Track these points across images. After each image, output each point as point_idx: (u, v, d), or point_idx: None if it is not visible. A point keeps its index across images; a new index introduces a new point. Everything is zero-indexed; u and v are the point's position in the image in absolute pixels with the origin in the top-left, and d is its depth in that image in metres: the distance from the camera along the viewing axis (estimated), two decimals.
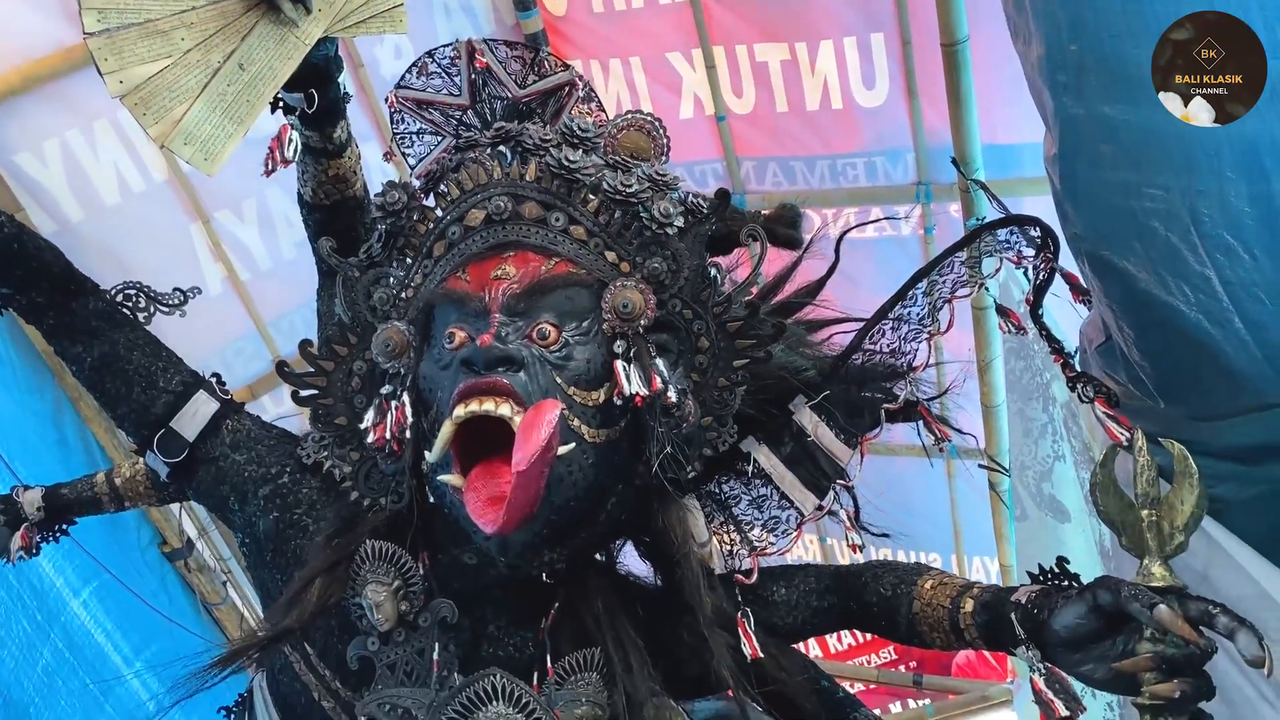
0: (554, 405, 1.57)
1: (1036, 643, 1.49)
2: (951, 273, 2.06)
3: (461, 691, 1.63)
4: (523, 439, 1.45)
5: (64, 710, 3.16)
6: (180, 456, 2.01)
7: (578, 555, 1.91)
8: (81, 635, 3.31)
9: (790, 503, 2.00)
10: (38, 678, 3.06)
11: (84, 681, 3.30)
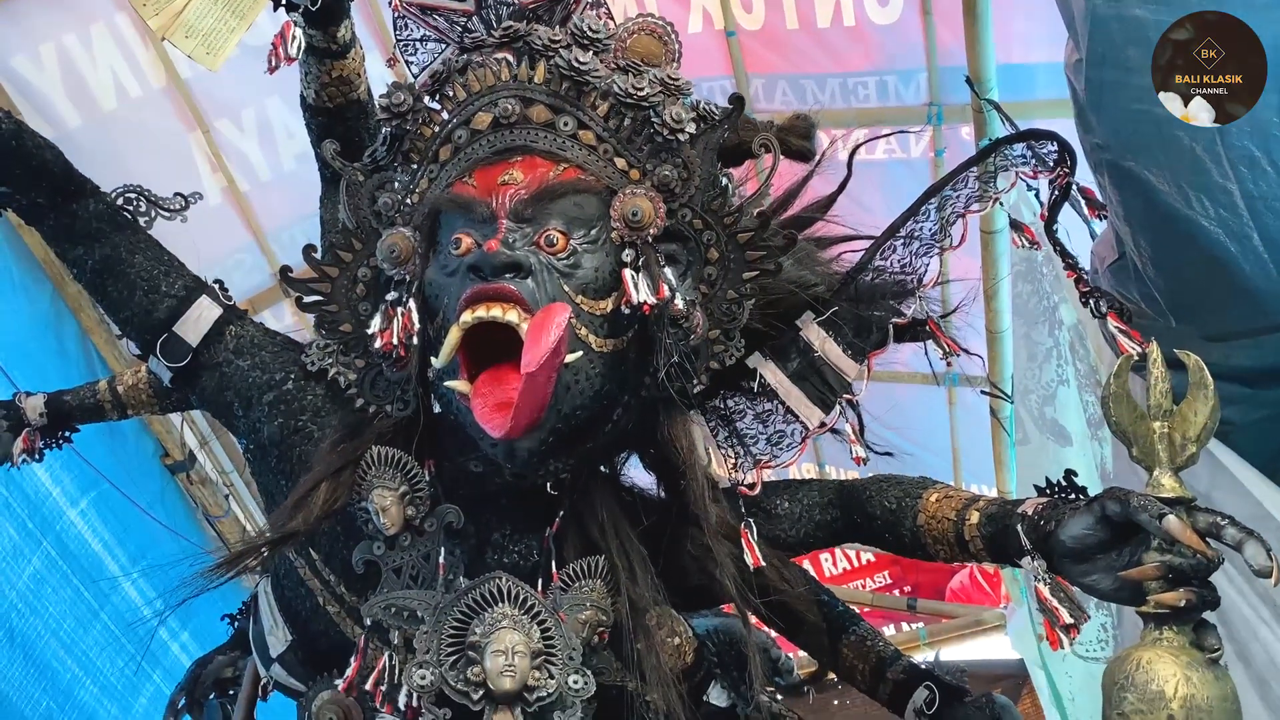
0: (563, 309, 1.55)
1: (1042, 554, 1.49)
2: (965, 187, 2.03)
3: (467, 594, 1.64)
4: (531, 342, 1.44)
5: (52, 618, 3.20)
6: (183, 362, 1.99)
7: (582, 465, 1.91)
8: (77, 544, 3.33)
9: (795, 417, 2.00)
10: (23, 585, 3.08)
11: (77, 590, 3.32)
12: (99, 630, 3.39)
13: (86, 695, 3.33)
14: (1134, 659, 1.32)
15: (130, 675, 3.47)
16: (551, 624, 1.66)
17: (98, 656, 3.38)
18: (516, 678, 1.55)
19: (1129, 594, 1.41)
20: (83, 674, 3.32)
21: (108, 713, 3.39)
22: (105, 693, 3.39)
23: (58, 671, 3.22)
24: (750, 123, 2.09)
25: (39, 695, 3.14)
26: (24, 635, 3.09)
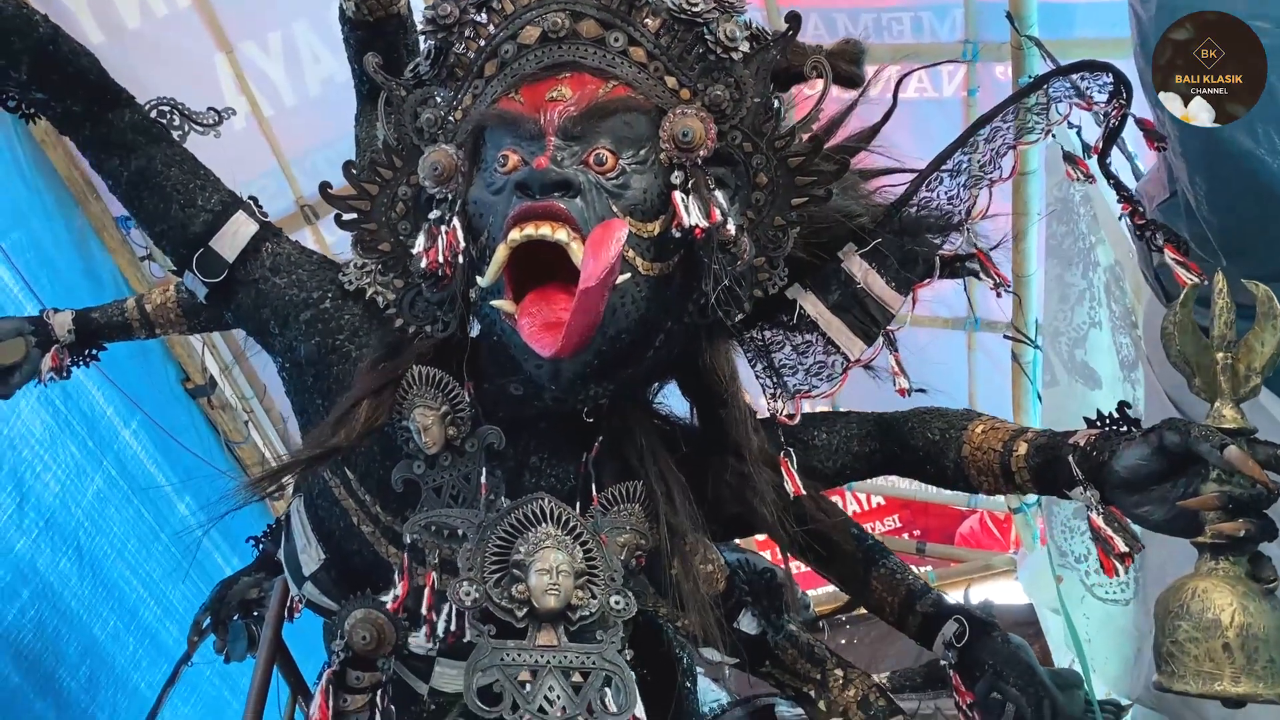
0: (621, 224, 1.52)
1: (1095, 484, 1.48)
2: (1016, 119, 2.00)
3: (511, 513, 1.64)
4: (591, 255, 1.41)
5: (117, 537, 3.21)
6: (219, 277, 1.97)
7: (623, 391, 1.90)
8: (134, 464, 3.35)
9: (836, 349, 1.98)
10: (88, 504, 3.09)
11: (138, 510, 3.34)
12: (160, 551, 3.42)
13: (150, 616, 3.36)
14: (1189, 588, 1.32)
15: (190, 598, 3.50)
16: (593, 545, 1.66)
17: (160, 578, 3.41)
18: (560, 596, 1.55)
19: (1182, 524, 1.41)
20: (147, 595, 3.35)
21: (169, 634, 3.43)
22: (167, 614, 3.43)
23: (124, 591, 3.25)
24: (799, 47, 2.04)
25: (108, 614, 3.17)
26: (92, 554, 3.12)
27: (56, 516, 2.99)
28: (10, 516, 2.79)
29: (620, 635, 1.61)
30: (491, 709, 1.44)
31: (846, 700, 2.04)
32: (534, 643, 1.53)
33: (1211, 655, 1.26)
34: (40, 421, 2.94)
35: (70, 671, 3.01)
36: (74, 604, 3.05)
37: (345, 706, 2.00)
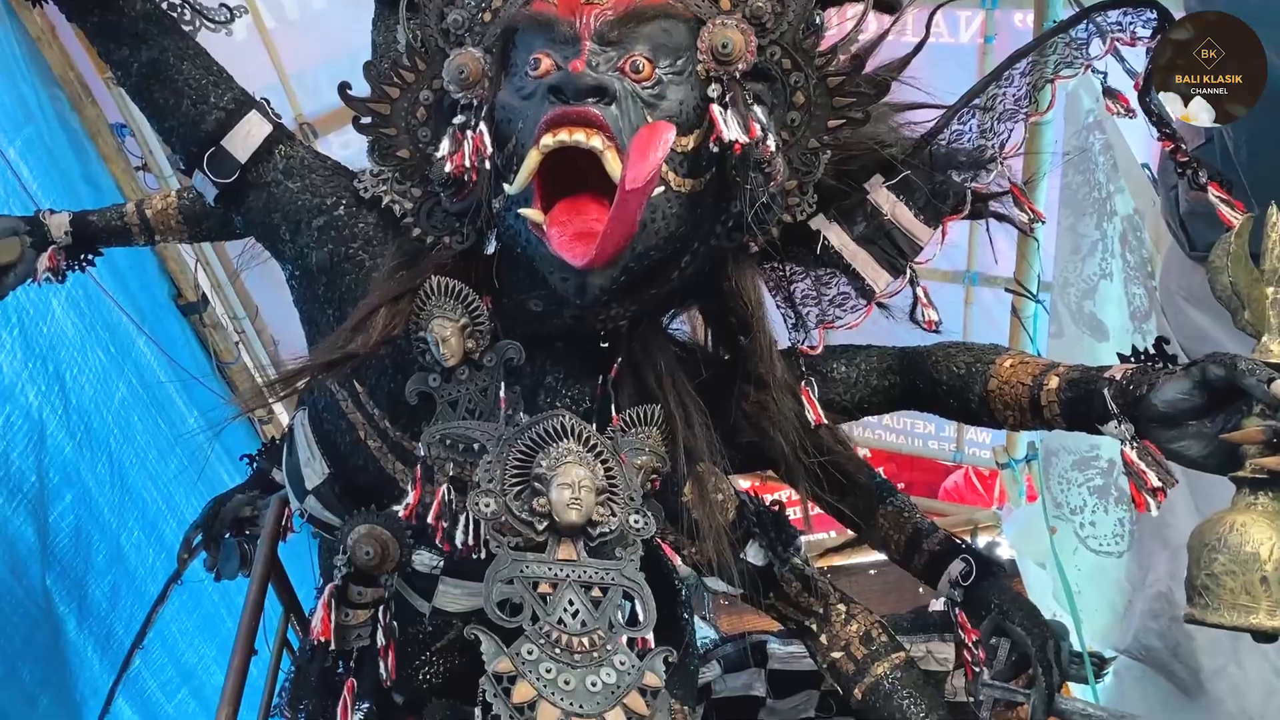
0: (669, 127, 1.47)
1: (1130, 419, 1.46)
2: (1055, 53, 1.95)
3: (531, 428, 1.60)
4: (638, 156, 1.36)
5: (140, 446, 3.16)
6: (230, 179, 1.91)
7: (643, 312, 1.86)
8: (150, 374, 3.29)
9: (861, 280, 1.95)
10: (115, 410, 3.04)
11: (156, 421, 3.29)
12: (176, 465, 3.38)
13: (168, 530, 3.33)
14: (1227, 522, 1.30)
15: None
16: (614, 464, 1.63)
17: (176, 491, 3.37)
18: (582, 511, 1.52)
19: (1219, 459, 1.39)
20: (165, 507, 3.31)
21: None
22: (182, 529, 3.38)
23: (146, 502, 3.22)
24: None
25: (133, 525, 3.14)
26: (120, 461, 3.08)
27: (92, 421, 2.95)
28: (60, 419, 2.74)
29: (639, 554, 1.58)
30: (511, 619, 1.42)
31: (849, 635, 2.03)
32: (554, 556, 1.50)
33: (1248, 589, 1.25)
34: (71, 324, 2.89)
35: (97, 579, 2.99)
36: (107, 512, 3.02)
37: (347, 621, 1.98)
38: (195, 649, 3.61)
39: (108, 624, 3.13)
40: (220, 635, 3.73)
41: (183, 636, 3.52)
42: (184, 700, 3.60)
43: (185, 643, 3.54)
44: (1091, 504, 3.10)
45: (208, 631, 3.66)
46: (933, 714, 1.94)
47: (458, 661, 2.25)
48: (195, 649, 3.61)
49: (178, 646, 3.49)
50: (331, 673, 2.02)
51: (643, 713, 1.38)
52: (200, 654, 3.66)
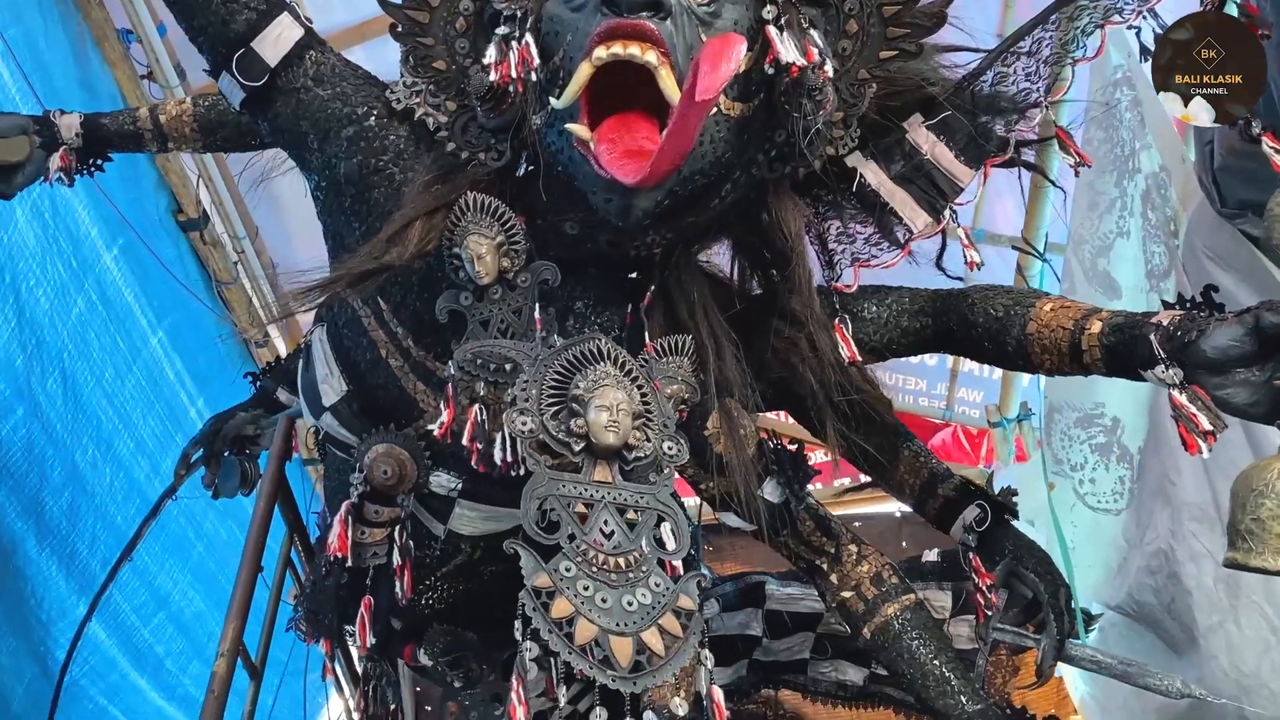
0: (740, 39, 1.42)
1: (1178, 364, 1.45)
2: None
3: (568, 349, 1.57)
4: (709, 67, 1.32)
5: (96, 363, 3.10)
6: (259, 82, 1.85)
7: (679, 240, 1.83)
8: (114, 291, 3.21)
9: (899, 219, 1.93)
10: (71, 325, 2.97)
11: (114, 339, 3.22)
12: (133, 384, 3.31)
13: (124, 449, 3.28)
14: (1275, 468, 1.31)
15: (160, 434, 3.43)
16: (649, 390, 1.61)
17: (133, 410, 3.31)
18: (619, 434, 1.50)
19: (1266, 407, 1.39)
20: (122, 426, 3.26)
21: (141, 470, 3.35)
22: (140, 449, 3.35)
23: (101, 420, 3.16)
24: None
25: (87, 442, 3.08)
26: (74, 378, 3.01)
27: (46, 335, 2.88)
28: (12, 330, 2.67)
29: (672, 479, 1.57)
30: (548, 536, 1.40)
31: (859, 575, 2.03)
32: (590, 477, 1.49)
33: None
34: (33, 233, 2.80)
35: (54, 496, 2.94)
36: (60, 427, 2.96)
37: (363, 539, 1.97)
38: (168, 573, 3.59)
39: (70, 543, 3.10)
40: (191, 560, 3.72)
41: (154, 561, 3.50)
42: (161, 624, 3.59)
43: (157, 566, 3.52)
44: (1092, 461, 3.11)
45: (178, 556, 3.64)
46: (941, 655, 1.95)
47: (461, 588, 2.25)
48: (168, 573, 3.59)
49: (149, 570, 3.46)
50: (347, 589, 2.02)
51: (677, 634, 1.37)
52: (174, 579, 3.65)
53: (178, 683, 3.67)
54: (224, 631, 2.08)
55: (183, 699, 3.69)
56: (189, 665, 3.74)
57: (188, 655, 3.72)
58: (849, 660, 2.91)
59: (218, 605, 3.84)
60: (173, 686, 3.64)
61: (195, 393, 3.61)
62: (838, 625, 2.89)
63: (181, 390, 3.55)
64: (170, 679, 3.64)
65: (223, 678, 2.01)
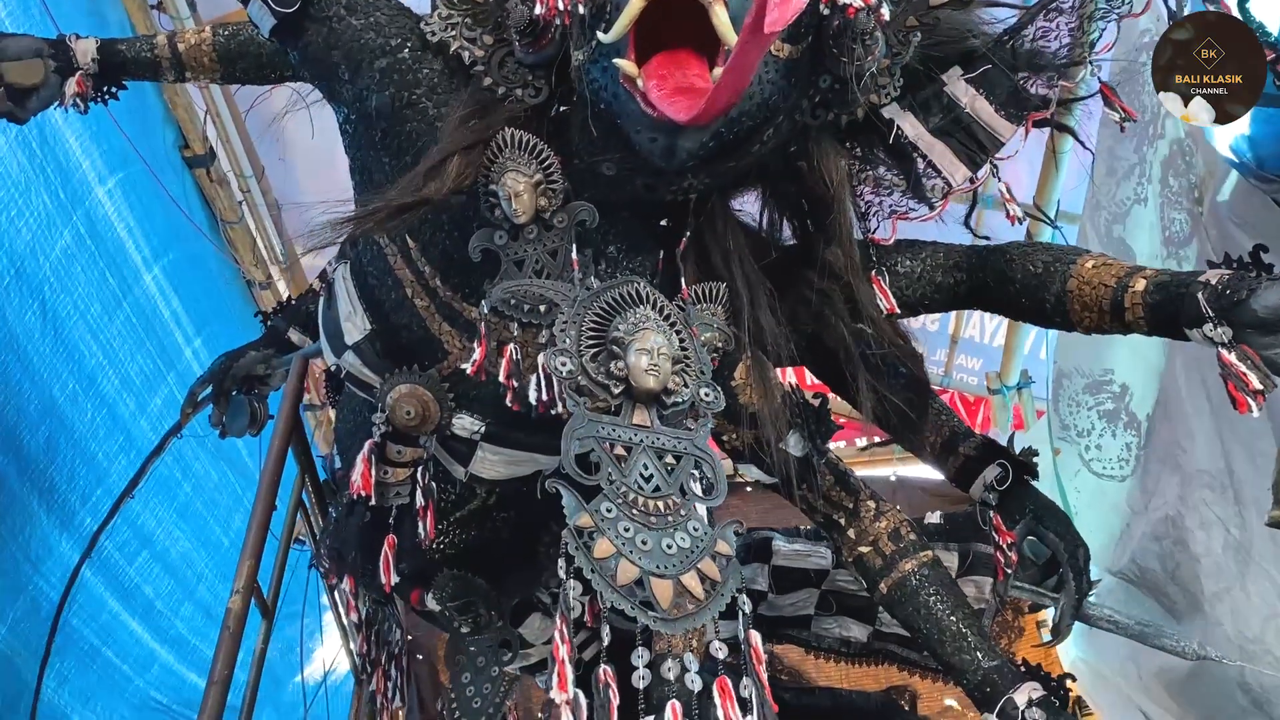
0: None
1: (1226, 323, 1.44)
2: None
3: (608, 291, 1.55)
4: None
5: (81, 298, 3.04)
6: (291, 8, 1.80)
7: (716, 185, 1.80)
8: (104, 225, 3.14)
9: (937, 172, 1.90)
10: (55, 258, 2.91)
11: (103, 273, 3.16)
12: (122, 321, 3.24)
13: (108, 386, 3.22)
14: None
15: (149, 372, 3.37)
16: (686, 335, 1.59)
17: (120, 347, 3.24)
18: (659, 378, 1.49)
19: None
20: (106, 363, 3.19)
21: (126, 407, 3.30)
22: (125, 386, 3.28)
23: (84, 355, 3.09)
24: None
25: (67, 377, 3.02)
26: (55, 311, 2.94)
27: (25, 266, 2.81)
28: None
29: (708, 427, 1.55)
30: (588, 477, 1.39)
31: (877, 531, 2.03)
32: (628, 420, 1.47)
33: None
34: (16, 163, 2.72)
35: (31, 430, 2.89)
36: (37, 361, 2.90)
37: (385, 478, 1.96)
38: (151, 512, 3.56)
39: (48, 476, 3.06)
40: (179, 499, 3.68)
41: (138, 499, 3.46)
42: (146, 563, 3.55)
43: (140, 505, 3.47)
44: (1100, 427, 3.12)
45: (162, 494, 3.60)
46: (958, 611, 1.95)
47: (473, 534, 2.24)
48: (151, 512, 3.56)
49: (133, 509, 3.42)
50: (369, 528, 2.00)
51: (716, 578, 1.37)
52: (159, 518, 3.61)
53: (170, 625, 3.65)
54: (239, 569, 2.06)
55: (175, 641, 3.67)
56: (180, 608, 3.72)
57: (178, 598, 3.70)
58: (853, 617, 2.93)
59: (204, 546, 3.83)
60: (165, 629, 3.62)
61: (192, 332, 3.56)
62: (843, 582, 2.91)
63: (177, 329, 3.48)
64: (162, 621, 3.62)
65: (238, 614, 1.99)
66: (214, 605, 3.74)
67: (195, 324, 3.60)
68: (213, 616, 3.73)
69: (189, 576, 3.66)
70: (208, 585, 3.71)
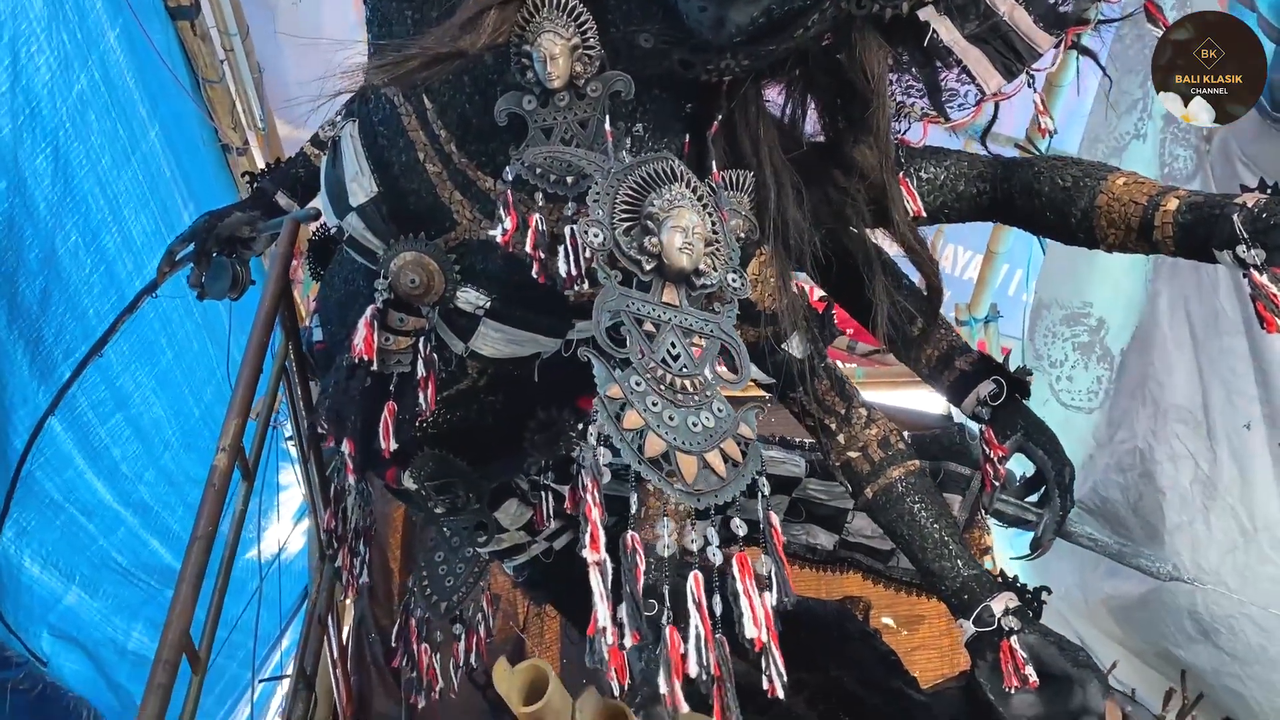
0: None
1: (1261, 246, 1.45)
2: None
3: (643, 166, 1.51)
4: None
5: (93, 147, 2.90)
6: None
7: (754, 68, 1.75)
8: (116, 72, 2.98)
9: (971, 78, 1.87)
10: (72, 102, 2.76)
11: (115, 124, 3.01)
12: (130, 176, 3.10)
13: (110, 243, 3.10)
14: None
15: (150, 233, 3.25)
16: (717, 219, 1.56)
17: (126, 204, 3.11)
18: (693, 257, 1.46)
19: None
20: (111, 218, 3.06)
21: (124, 267, 3.18)
22: (126, 245, 3.16)
23: (90, 208, 2.96)
24: None
25: (71, 228, 2.90)
26: (67, 158, 2.81)
27: (43, 107, 2.68)
28: (3, 95, 2.47)
29: (734, 312, 1.54)
30: (619, 350, 1.37)
31: (868, 437, 2.05)
32: (659, 298, 1.45)
33: None
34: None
35: (28, 279, 2.79)
36: (44, 208, 2.79)
37: (387, 345, 1.92)
38: (131, 374, 3.48)
39: (37, 328, 2.97)
40: (160, 365, 3.59)
41: (119, 360, 3.39)
42: (118, 425, 3.49)
43: (121, 366, 3.41)
44: (1073, 359, 3.18)
45: (145, 358, 3.52)
46: (940, 520, 1.99)
47: (458, 414, 2.21)
48: (131, 374, 3.48)
49: (113, 369, 3.36)
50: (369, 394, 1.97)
51: (738, 458, 1.36)
52: (138, 381, 3.54)
53: (133, 488, 3.60)
54: (225, 427, 2.01)
55: (136, 504, 3.63)
56: (144, 472, 3.66)
57: (143, 461, 3.64)
58: (821, 525, 2.99)
59: (175, 415, 3.77)
60: (128, 492, 3.58)
61: (187, 195, 3.44)
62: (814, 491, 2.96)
63: (177, 191, 3.36)
64: (125, 483, 3.57)
65: (224, 472, 1.95)
66: (177, 473, 3.69)
67: (189, 186, 3.48)
68: (175, 484, 3.69)
69: (156, 443, 3.60)
70: (173, 454, 3.66)
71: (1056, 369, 3.25)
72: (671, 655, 1.20)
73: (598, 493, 1.26)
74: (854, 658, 2.93)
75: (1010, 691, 1.76)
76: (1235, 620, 2.47)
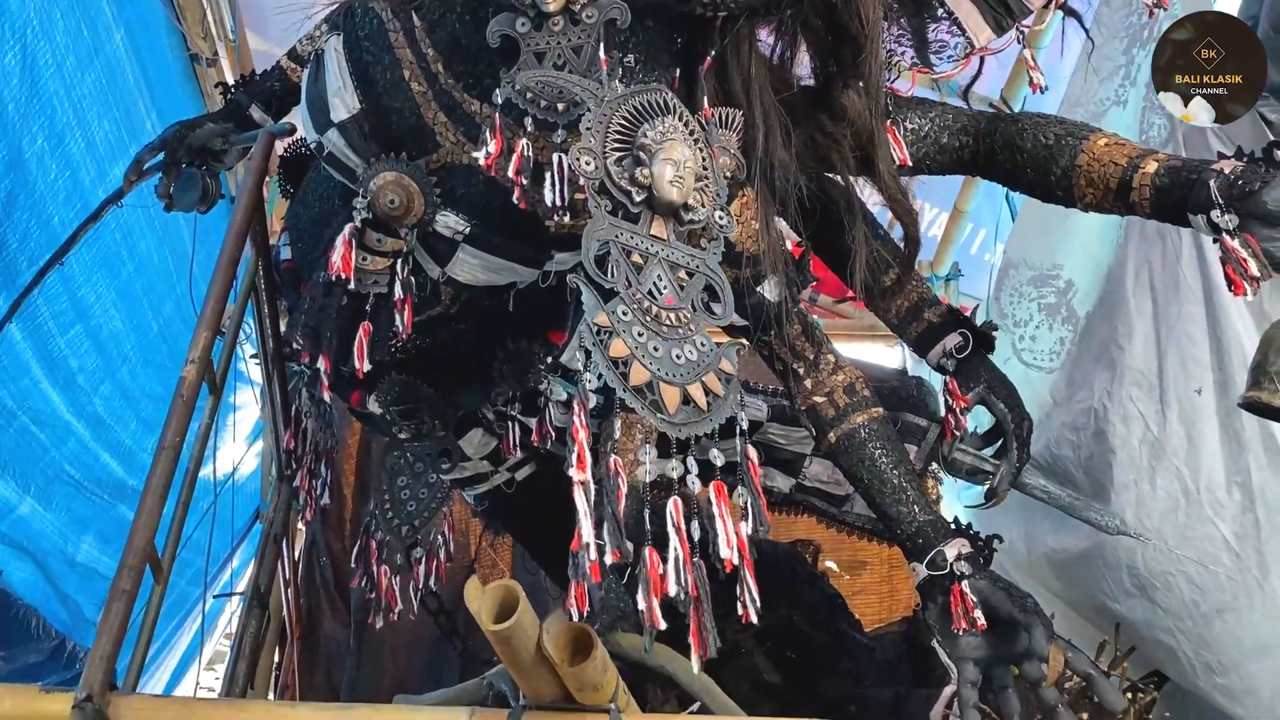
0: None
1: (1234, 212, 1.49)
2: None
3: (636, 96, 1.51)
4: None
5: (59, 47, 2.75)
6: None
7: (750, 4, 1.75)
8: None
9: (961, 30, 1.89)
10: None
11: (79, 24, 2.87)
12: (93, 80, 2.98)
13: (75, 147, 2.97)
14: None
15: (113, 139, 3.14)
16: (707, 155, 1.56)
17: (89, 108, 2.99)
18: (683, 191, 1.46)
19: None
20: (75, 122, 2.94)
21: (88, 173, 3.06)
22: (90, 150, 3.03)
23: (56, 111, 2.82)
24: None
25: (37, 131, 2.78)
26: (34, 58, 2.68)
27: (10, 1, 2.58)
28: None
29: (720, 249, 1.55)
30: (607, 279, 1.37)
31: (834, 383, 2.08)
32: (647, 230, 1.45)
33: None
34: None
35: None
36: (12, 109, 2.69)
37: (365, 264, 1.91)
38: (93, 286, 3.41)
39: (2, 232, 2.89)
40: (121, 278, 3.51)
41: (81, 270, 3.32)
42: (77, 336, 3.43)
43: (83, 278, 3.34)
44: (1037, 320, 3.23)
45: (107, 270, 3.44)
46: (900, 466, 2.03)
47: (427, 341, 2.21)
48: (93, 286, 3.41)
49: (75, 279, 3.28)
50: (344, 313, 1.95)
51: (719, 392, 1.38)
52: (99, 293, 3.46)
53: (88, 400, 3.55)
54: (194, 339, 1.99)
55: (90, 417, 3.57)
56: (100, 385, 3.60)
57: (100, 374, 3.58)
58: (778, 469, 3.03)
59: (136, 329, 3.70)
60: (82, 404, 3.52)
61: (150, 103, 3.33)
62: (774, 435, 3.00)
63: (140, 97, 3.26)
64: (80, 395, 3.51)
65: (192, 384, 1.93)
66: (132, 388, 3.64)
67: (152, 93, 3.37)
68: (130, 399, 3.64)
69: (114, 356, 3.53)
70: (130, 368, 3.59)
71: (1020, 328, 3.31)
72: (650, 574, 1.23)
73: (585, 415, 1.28)
74: (803, 599, 3.00)
75: (958, 634, 1.81)
76: (1172, 576, 2.57)
